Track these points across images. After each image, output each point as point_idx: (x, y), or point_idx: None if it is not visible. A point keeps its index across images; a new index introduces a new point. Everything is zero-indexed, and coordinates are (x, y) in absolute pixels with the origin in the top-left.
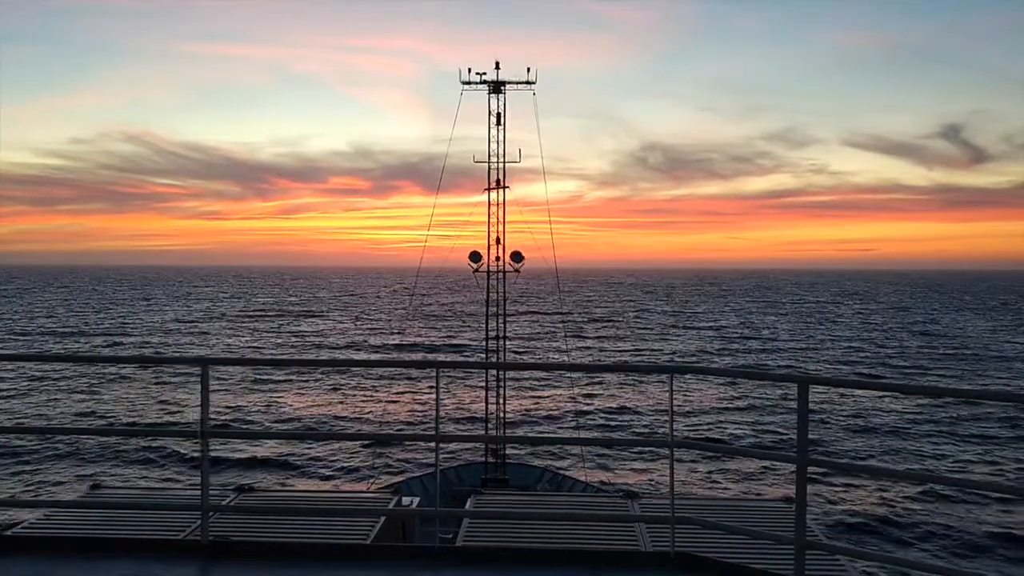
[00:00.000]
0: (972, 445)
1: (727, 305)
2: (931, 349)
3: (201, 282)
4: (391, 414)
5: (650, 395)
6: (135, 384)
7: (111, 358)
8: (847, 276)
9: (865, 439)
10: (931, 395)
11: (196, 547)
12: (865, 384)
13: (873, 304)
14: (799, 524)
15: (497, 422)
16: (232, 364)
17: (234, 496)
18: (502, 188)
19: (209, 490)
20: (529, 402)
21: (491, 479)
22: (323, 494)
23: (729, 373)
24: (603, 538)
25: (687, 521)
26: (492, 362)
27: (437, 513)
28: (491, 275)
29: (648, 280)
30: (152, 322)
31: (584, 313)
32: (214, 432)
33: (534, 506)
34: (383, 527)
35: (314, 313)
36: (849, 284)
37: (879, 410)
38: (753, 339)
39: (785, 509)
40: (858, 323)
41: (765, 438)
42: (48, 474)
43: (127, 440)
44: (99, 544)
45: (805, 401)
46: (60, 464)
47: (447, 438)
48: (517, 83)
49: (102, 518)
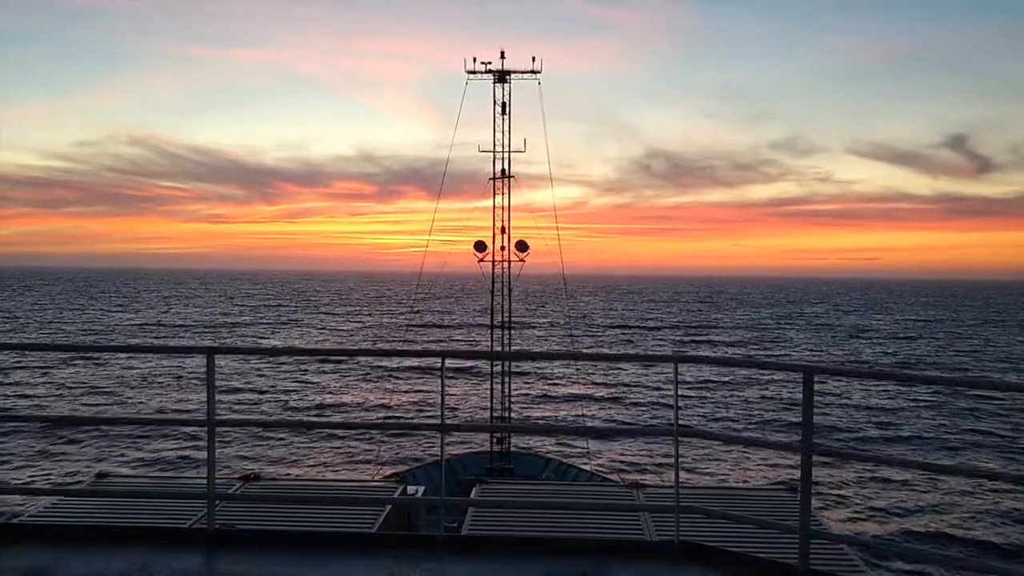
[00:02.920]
0: (979, 435)
1: (744, 315)
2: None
3: (210, 286)
4: (396, 403)
5: (655, 384)
6: (141, 373)
7: (117, 347)
8: (851, 285)
9: (870, 428)
10: (938, 384)
11: (202, 536)
12: (871, 373)
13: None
14: (804, 512)
15: (502, 411)
16: (238, 353)
17: (240, 485)
18: (507, 177)
19: (215, 479)
20: (534, 391)
21: (496, 468)
22: (328, 483)
23: (734, 362)
24: (608, 527)
25: (692, 510)
26: (497, 351)
27: (442, 502)
28: (496, 264)
29: (653, 287)
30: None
31: (592, 324)
32: (220, 421)
33: (539, 495)
34: (388, 516)
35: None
36: (878, 295)
37: (884, 399)
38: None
39: (790, 498)
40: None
41: (770, 427)
42: (54, 463)
43: (133, 429)
44: (105, 533)
45: (810, 390)
46: (66, 453)
47: (452, 427)
48: (522, 72)
49: (108, 507)
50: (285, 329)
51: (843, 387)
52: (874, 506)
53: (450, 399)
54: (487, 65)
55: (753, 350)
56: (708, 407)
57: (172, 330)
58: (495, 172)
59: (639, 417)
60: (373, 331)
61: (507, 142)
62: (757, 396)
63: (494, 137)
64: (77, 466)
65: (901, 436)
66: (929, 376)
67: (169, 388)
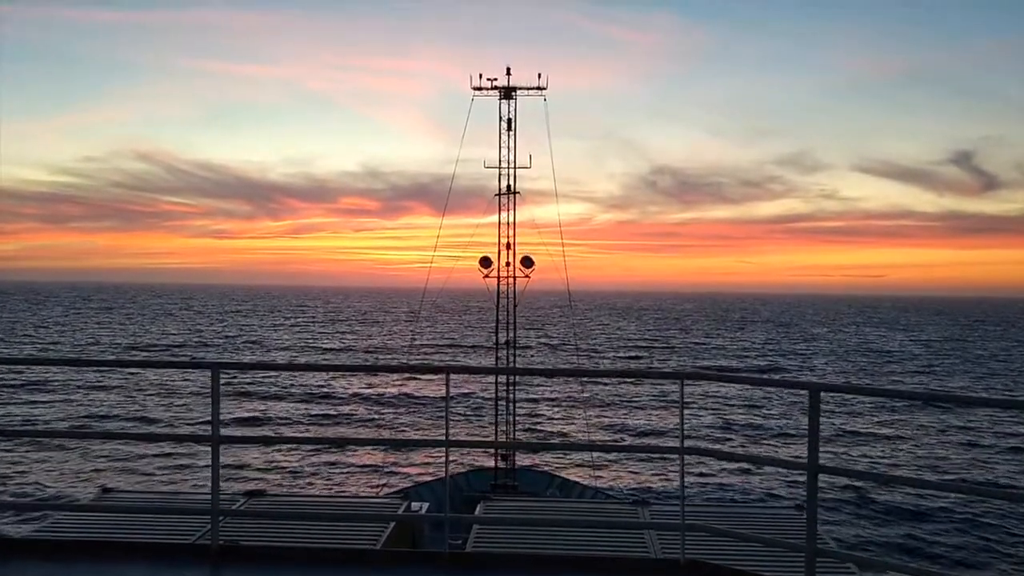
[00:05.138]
0: (988, 453)
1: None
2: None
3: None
4: (401, 419)
5: (660, 401)
6: (146, 388)
7: (122, 362)
8: (856, 302)
9: (877, 446)
10: (944, 403)
11: (206, 551)
12: (878, 391)
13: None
14: (810, 531)
15: (507, 428)
16: (242, 368)
17: (244, 500)
18: (513, 193)
19: (219, 494)
20: (539, 408)
21: (501, 485)
22: (333, 499)
23: (740, 380)
24: (613, 545)
25: (697, 528)
26: (502, 367)
27: (446, 518)
28: (501, 280)
29: (657, 304)
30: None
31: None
32: (224, 437)
33: (543, 512)
34: (393, 532)
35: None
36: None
37: (891, 417)
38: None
39: (796, 516)
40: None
41: (776, 445)
42: (59, 478)
43: (138, 444)
44: (110, 548)
45: (817, 408)
46: (71, 468)
47: (457, 443)
48: (528, 89)
49: (113, 522)
50: (286, 344)
51: (850, 404)
52: (881, 525)
53: (455, 415)
54: (493, 82)
55: (760, 361)
56: (714, 424)
57: (175, 346)
58: (500, 188)
59: (644, 434)
60: (378, 343)
61: (513, 158)
62: (763, 413)
63: (500, 153)
64: (82, 481)
65: (908, 454)
66: (936, 393)
67: (174, 402)
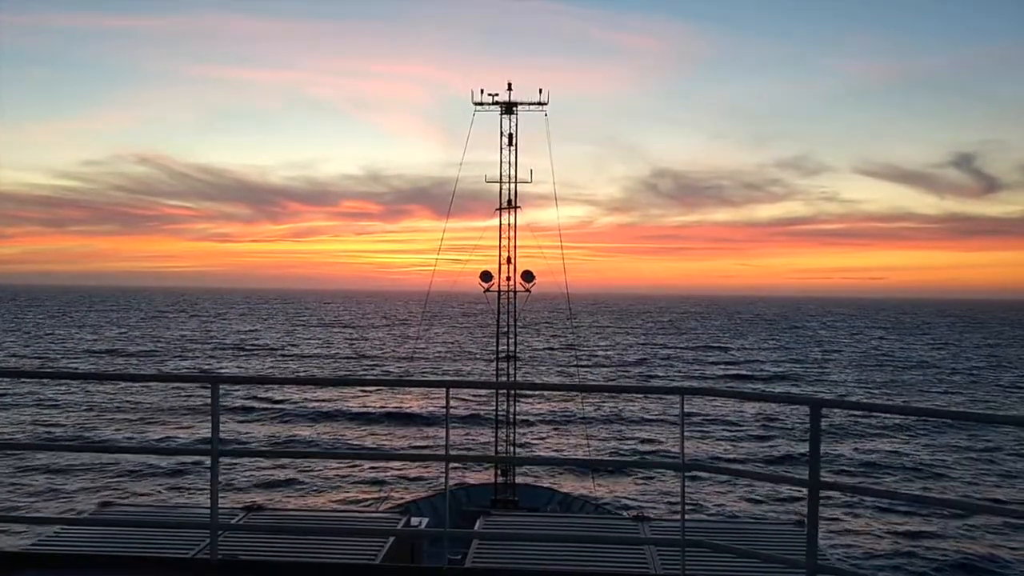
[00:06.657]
0: (987, 468)
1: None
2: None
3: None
4: (401, 433)
5: (661, 416)
6: (145, 402)
7: (121, 375)
8: (857, 305)
9: (878, 461)
10: (946, 418)
11: (205, 566)
12: (879, 406)
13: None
14: (811, 548)
15: (507, 442)
16: (242, 382)
17: (243, 515)
18: (514, 208)
19: (218, 508)
20: (539, 423)
21: (501, 500)
22: (332, 513)
23: (741, 395)
24: (613, 561)
25: (698, 544)
26: (503, 382)
27: (446, 534)
28: (502, 294)
29: (658, 307)
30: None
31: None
32: (224, 451)
33: (543, 528)
34: (392, 547)
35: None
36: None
37: (892, 433)
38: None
39: (797, 532)
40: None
41: (776, 460)
42: (58, 491)
43: (137, 458)
44: (109, 562)
45: (817, 423)
46: (70, 481)
47: (457, 458)
48: (529, 104)
49: (112, 536)
50: (287, 352)
51: (851, 419)
52: (882, 541)
53: (455, 429)
54: (494, 97)
55: (762, 372)
56: (715, 439)
57: (176, 353)
58: (501, 203)
59: (645, 449)
60: (379, 351)
61: (514, 173)
62: (764, 428)
63: (500, 169)
64: (81, 495)
65: (910, 470)
66: (939, 409)
67: (173, 415)
